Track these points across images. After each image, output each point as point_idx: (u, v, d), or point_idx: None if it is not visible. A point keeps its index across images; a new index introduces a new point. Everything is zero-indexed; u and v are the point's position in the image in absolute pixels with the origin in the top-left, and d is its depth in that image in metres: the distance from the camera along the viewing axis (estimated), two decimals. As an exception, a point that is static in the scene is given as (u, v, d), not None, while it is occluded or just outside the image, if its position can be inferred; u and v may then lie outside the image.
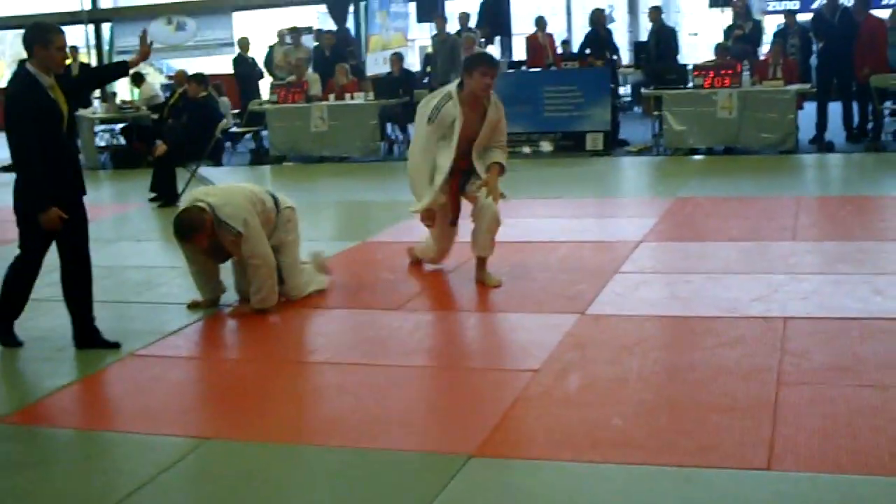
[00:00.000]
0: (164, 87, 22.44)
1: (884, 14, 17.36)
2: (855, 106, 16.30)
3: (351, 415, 5.47)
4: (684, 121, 15.45)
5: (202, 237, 7.31)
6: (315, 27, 24.25)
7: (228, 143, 17.13)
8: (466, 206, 8.18)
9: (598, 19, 18.47)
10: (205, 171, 13.85)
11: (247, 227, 7.27)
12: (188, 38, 27.94)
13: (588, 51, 17.90)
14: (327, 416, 5.56)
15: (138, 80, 19.56)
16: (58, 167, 6.49)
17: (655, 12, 18.78)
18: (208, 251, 7.50)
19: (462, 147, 7.84)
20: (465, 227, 8.17)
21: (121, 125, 19.56)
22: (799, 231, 9.61)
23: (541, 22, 19.09)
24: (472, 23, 20.81)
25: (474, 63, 7.83)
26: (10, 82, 6.61)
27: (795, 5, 24.24)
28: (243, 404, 5.81)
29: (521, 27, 25.88)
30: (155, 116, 17.48)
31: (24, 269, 6.77)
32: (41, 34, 6.39)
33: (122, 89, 25.73)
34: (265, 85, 20.53)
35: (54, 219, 6.44)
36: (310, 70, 18.95)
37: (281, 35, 20.50)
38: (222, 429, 5.42)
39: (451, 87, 7.91)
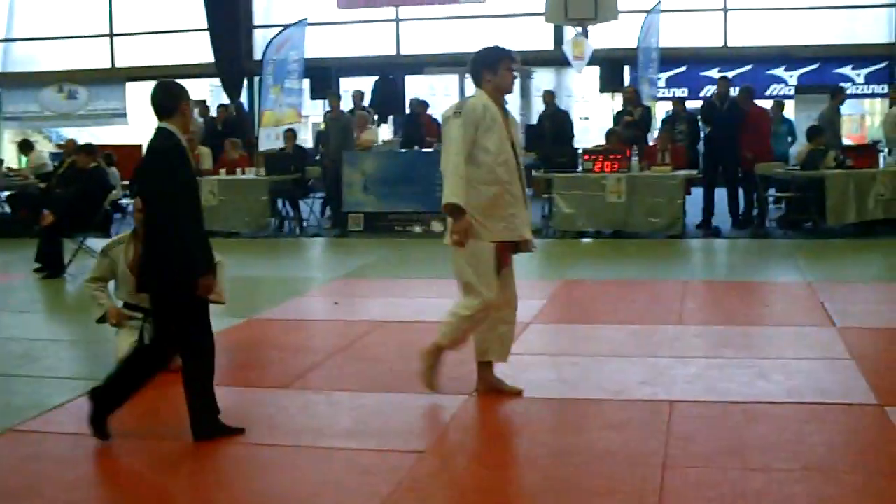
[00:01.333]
0: (53, 155, 22.11)
1: (767, 104, 17.84)
2: (740, 192, 16.65)
3: (236, 494, 5.38)
4: (574, 204, 15.63)
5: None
6: (208, 101, 24.19)
7: (118, 215, 16.92)
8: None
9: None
10: (92, 242, 13.63)
11: None
12: (80, 107, 27.64)
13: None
14: (212, 498, 5.45)
15: (27, 147, 19.26)
16: None
17: (550, 95, 19.02)
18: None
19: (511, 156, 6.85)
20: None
21: (7, 193, 19.20)
22: (685, 315, 9.73)
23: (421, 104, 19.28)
24: (366, 101, 20.90)
25: (498, 56, 7.01)
26: None
27: (684, 93, 24.72)
28: (127, 484, 5.68)
29: (415, 106, 26.05)
30: (42, 185, 17.19)
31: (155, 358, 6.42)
32: None
33: (10, 157, 25.30)
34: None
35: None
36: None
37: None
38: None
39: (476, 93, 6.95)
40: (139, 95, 26.79)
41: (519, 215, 6.82)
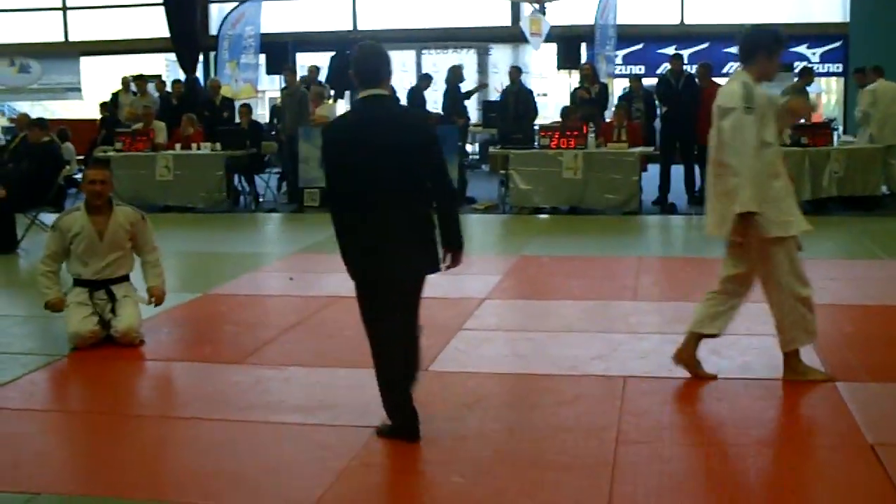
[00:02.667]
0: (5, 130, 21.91)
1: (723, 81, 17.88)
2: (697, 169, 16.70)
3: (184, 470, 5.36)
4: (530, 180, 15.62)
5: (108, 177, 8.17)
6: (163, 75, 24.03)
7: (72, 190, 16.76)
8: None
9: (456, 77, 18.59)
10: (46, 217, 13.51)
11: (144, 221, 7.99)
12: (32, 81, 27.39)
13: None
14: (160, 471, 5.43)
15: (-23, 123, 19.07)
16: None
17: (517, 72, 18.98)
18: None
19: None
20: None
21: (-43, 168, 18.99)
22: (640, 291, 9.76)
23: (426, 79, 19.14)
24: (322, 76, 20.81)
25: (778, 40, 6.72)
26: None
27: (641, 70, 24.79)
28: (76, 458, 5.65)
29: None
30: (-6, 160, 17.01)
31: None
32: None
33: (-39, 132, 25.07)
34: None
35: None
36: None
37: (126, 82, 20.18)
38: (54, 483, 5.24)
39: (737, 77, 6.79)
40: (93, 70, 26.61)
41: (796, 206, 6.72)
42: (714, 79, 17.14)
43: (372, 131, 5.46)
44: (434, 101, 19.31)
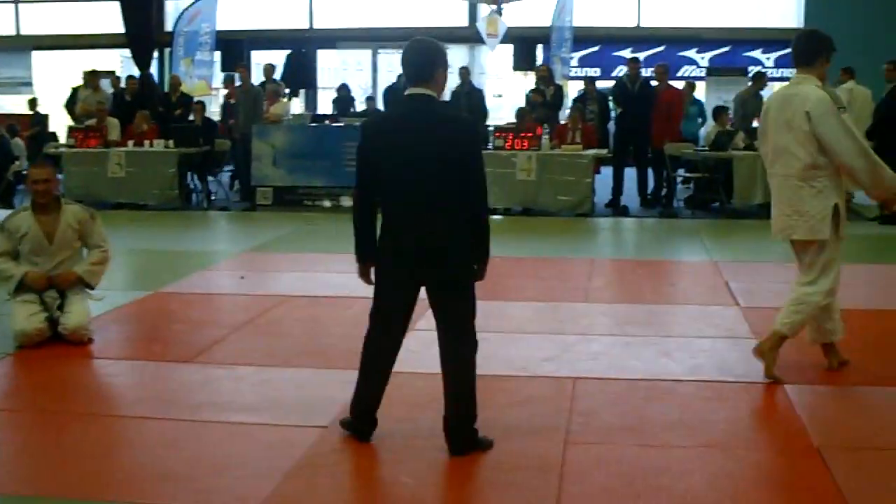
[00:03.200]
0: (-46, 124, 21.67)
1: (678, 85, 17.99)
2: (650, 172, 16.79)
3: (132, 470, 5.31)
4: (485, 181, 15.57)
5: (53, 175, 8.08)
6: (118, 71, 23.84)
7: (21, 186, 16.59)
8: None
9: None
10: (-5, 212, 13.39)
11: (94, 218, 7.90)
12: (-18, 75, 27.11)
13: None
14: (107, 471, 5.37)
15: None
16: None
17: (466, 72, 18.96)
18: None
19: None
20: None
21: None
22: (592, 292, 9.79)
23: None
24: (278, 74, 20.73)
25: (833, 46, 6.76)
26: None
27: (597, 72, 24.90)
28: (21, 458, 5.58)
29: (327, 80, 25.95)
30: (-58, 155, 16.83)
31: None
32: None
33: None
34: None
35: None
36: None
37: (85, 77, 20.00)
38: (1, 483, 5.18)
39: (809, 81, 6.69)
40: (45, 64, 26.36)
41: None
42: (671, 82, 17.26)
43: (414, 129, 5.37)
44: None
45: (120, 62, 27.32)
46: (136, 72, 23.24)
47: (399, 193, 5.36)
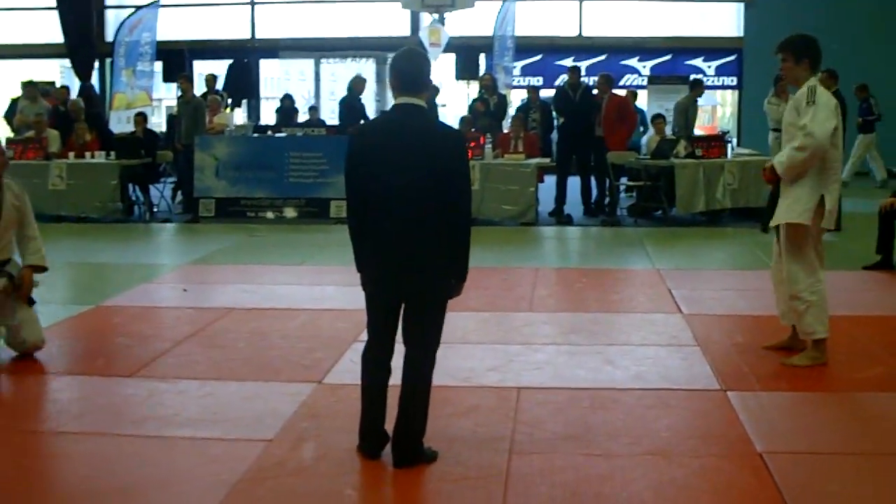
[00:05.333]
0: None
1: (620, 94, 18.09)
2: (593, 181, 16.85)
3: (75, 486, 5.27)
4: (428, 190, 15.58)
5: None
6: (58, 82, 23.64)
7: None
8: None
9: (357, 87, 18.48)
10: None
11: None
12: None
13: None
14: (50, 487, 5.32)
15: None
16: None
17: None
18: None
19: None
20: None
21: None
22: (535, 302, 9.81)
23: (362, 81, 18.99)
24: (220, 85, 20.66)
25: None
26: None
27: (540, 81, 24.99)
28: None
29: (270, 90, 25.88)
30: None
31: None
32: None
33: None
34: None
35: None
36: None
37: (23, 88, 19.79)
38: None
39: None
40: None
41: None
42: (614, 91, 17.34)
43: (403, 140, 5.30)
44: (331, 110, 19.21)
45: (60, 72, 27.09)
46: (76, 82, 23.07)
47: (385, 204, 5.30)
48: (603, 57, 25.44)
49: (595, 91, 17.00)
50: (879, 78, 21.51)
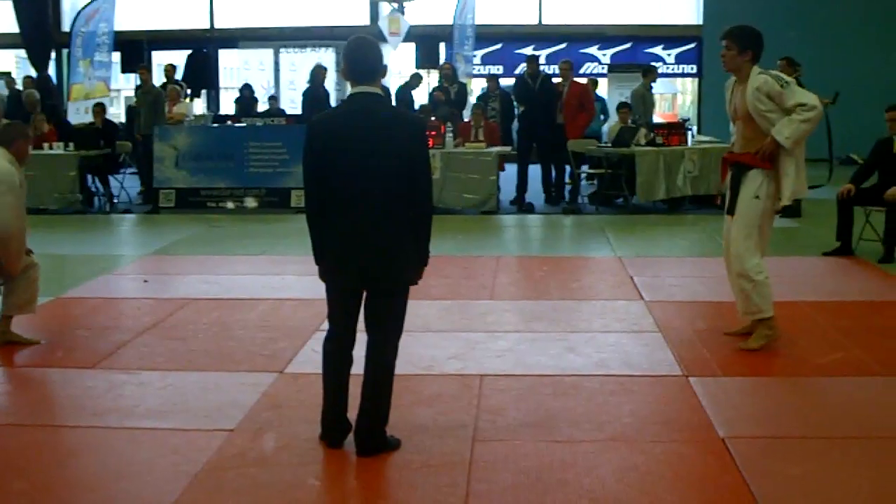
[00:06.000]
0: None
1: (581, 82, 18.11)
2: (553, 169, 16.88)
3: (34, 479, 5.21)
4: (388, 179, 15.56)
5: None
6: (13, 72, 23.45)
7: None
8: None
9: (319, 77, 18.41)
10: None
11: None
12: None
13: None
14: (8, 481, 5.26)
15: None
16: None
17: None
18: None
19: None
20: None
21: None
22: (497, 290, 9.82)
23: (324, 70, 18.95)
24: (179, 75, 20.53)
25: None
26: None
27: (500, 70, 25.01)
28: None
29: (229, 80, 25.76)
30: None
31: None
32: None
33: None
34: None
35: None
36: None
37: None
38: None
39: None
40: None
41: None
42: (575, 79, 17.37)
43: (364, 128, 5.25)
44: (291, 100, 19.16)
45: (16, 63, 26.86)
46: (32, 73, 22.87)
47: (347, 193, 5.26)
48: (563, 45, 25.49)
49: (558, 79, 17.04)
50: (835, 64, 21.64)
